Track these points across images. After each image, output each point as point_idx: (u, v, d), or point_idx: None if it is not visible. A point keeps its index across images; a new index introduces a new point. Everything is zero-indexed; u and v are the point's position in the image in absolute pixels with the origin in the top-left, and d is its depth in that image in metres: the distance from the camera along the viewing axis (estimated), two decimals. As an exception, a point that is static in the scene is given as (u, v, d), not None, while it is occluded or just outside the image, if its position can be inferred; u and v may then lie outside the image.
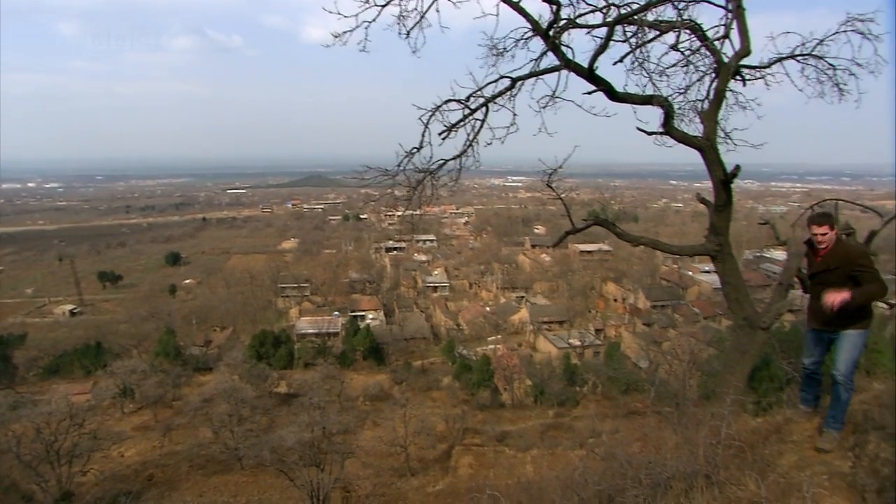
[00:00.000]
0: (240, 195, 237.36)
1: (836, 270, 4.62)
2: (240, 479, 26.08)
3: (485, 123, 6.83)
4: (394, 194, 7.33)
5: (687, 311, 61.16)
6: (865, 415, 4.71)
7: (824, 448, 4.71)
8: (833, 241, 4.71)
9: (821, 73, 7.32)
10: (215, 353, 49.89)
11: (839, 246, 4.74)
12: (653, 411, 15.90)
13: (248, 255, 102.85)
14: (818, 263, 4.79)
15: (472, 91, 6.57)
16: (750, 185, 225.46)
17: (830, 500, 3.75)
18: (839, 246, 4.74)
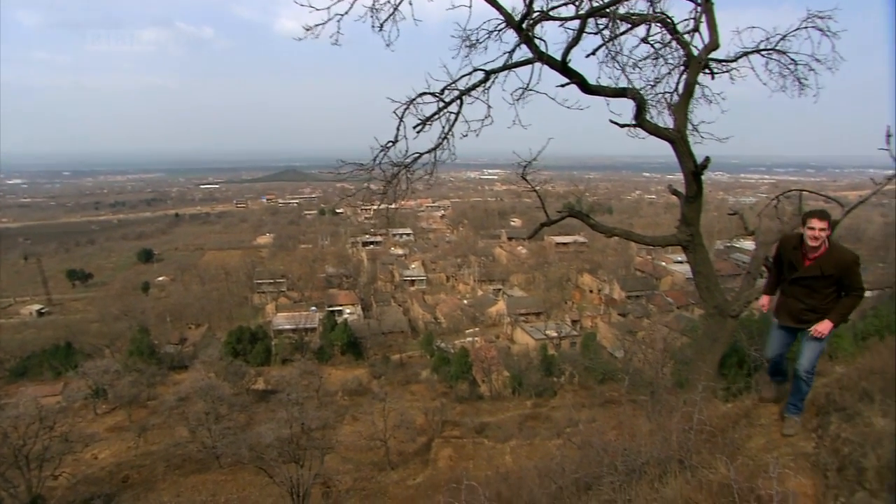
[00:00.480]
0: (213, 190, 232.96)
1: (829, 278, 4.38)
2: (218, 478, 25.82)
3: (459, 116, 6.82)
4: (370, 189, 7.30)
5: (661, 300, 62.22)
6: (828, 397, 4.86)
7: (789, 433, 4.76)
8: (827, 242, 4.40)
9: (783, 68, 7.57)
10: (191, 351, 49.24)
11: (835, 251, 4.39)
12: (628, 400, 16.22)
13: (222, 251, 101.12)
14: (809, 267, 4.45)
15: (446, 84, 6.56)
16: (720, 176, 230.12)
17: (795, 480, 3.87)
18: (835, 251, 4.39)
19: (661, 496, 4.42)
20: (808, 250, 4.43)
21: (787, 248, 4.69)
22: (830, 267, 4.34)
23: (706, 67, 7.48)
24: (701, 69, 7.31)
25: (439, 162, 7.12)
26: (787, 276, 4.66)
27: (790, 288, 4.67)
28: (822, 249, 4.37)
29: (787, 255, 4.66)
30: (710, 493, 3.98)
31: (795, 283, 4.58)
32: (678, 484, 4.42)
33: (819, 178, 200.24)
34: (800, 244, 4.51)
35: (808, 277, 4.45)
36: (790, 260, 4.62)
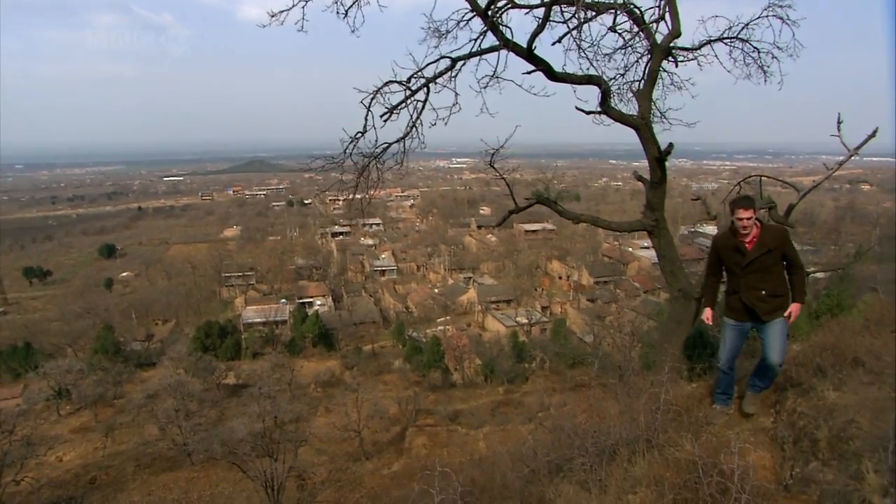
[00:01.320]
0: (177, 182, 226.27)
1: (774, 251, 4.44)
2: (190, 475, 25.41)
3: (427, 104, 6.80)
4: (340, 180, 7.23)
5: (628, 285, 63.51)
6: (785, 374, 5.01)
7: (750, 411, 4.83)
8: (757, 223, 4.50)
9: (746, 56, 7.73)
10: (158, 348, 48.21)
11: (768, 229, 4.56)
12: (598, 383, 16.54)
13: (188, 244, 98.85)
14: (754, 250, 4.47)
15: (412, 72, 6.51)
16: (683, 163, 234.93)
17: (755, 453, 4.03)
18: (768, 229, 4.56)
19: (630, 475, 4.54)
20: (743, 237, 4.47)
21: (723, 246, 4.68)
22: (771, 241, 4.43)
23: (670, 55, 7.60)
24: (664, 57, 7.43)
25: (409, 150, 7.09)
26: (735, 270, 4.59)
27: (742, 279, 4.57)
28: (756, 231, 4.46)
29: (726, 251, 4.64)
30: (677, 470, 4.10)
31: (747, 270, 4.51)
32: (646, 462, 4.55)
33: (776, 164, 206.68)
34: (733, 235, 4.53)
35: (759, 257, 4.44)
36: (731, 254, 4.59)
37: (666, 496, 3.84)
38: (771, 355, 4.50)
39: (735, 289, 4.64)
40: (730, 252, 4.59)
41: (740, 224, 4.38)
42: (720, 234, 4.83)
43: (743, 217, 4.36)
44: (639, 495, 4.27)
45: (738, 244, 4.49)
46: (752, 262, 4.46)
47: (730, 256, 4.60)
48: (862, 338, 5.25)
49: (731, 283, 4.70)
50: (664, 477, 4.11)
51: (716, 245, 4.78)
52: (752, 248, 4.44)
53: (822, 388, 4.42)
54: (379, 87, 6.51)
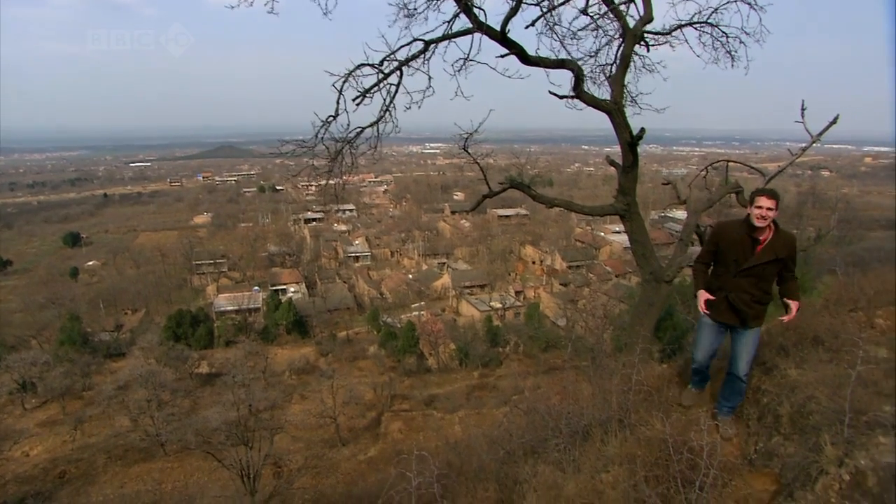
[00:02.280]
0: (144, 168, 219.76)
1: (779, 262, 4.04)
2: (164, 466, 25.15)
3: (400, 88, 6.72)
4: (313, 165, 7.12)
5: (600, 270, 64.32)
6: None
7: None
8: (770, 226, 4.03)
9: (715, 41, 7.86)
10: (128, 338, 47.16)
11: (782, 233, 4.07)
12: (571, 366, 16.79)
13: (157, 232, 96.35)
14: (762, 253, 4.02)
15: (385, 55, 6.42)
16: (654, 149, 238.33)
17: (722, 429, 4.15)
18: (782, 233, 4.07)
19: (603, 454, 4.64)
20: (756, 233, 4.02)
21: (728, 237, 4.17)
22: (782, 249, 3.99)
23: (642, 40, 7.66)
24: (636, 41, 7.48)
25: (382, 135, 7.01)
26: (731, 267, 4.15)
27: (735, 279, 4.15)
28: (769, 232, 4.01)
29: (731, 244, 4.16)
30: (649, 448, 4.20)
31: (745, 272, 4.09)
32: (619, 442, 4.64)
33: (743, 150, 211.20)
34: (744, 231, 4.07)
35: (764, 264, 4.03)
36: (736, 249, 4.12)
37: (638, 473, 3.93)
38: (739, 366, 4.23)
39: (723, 286, 4.23)
40: (732, 245, 4.14)
41: (758, 213, 3.92)
42: (728, 223, 4.30)
43: (764, 206, 3.90)
44: (611, 473, 4.36)
45: (745, 241, 4.07)
46: (756, 266, 4.06)
47: (731, 250, 4.15)
48: (822, 317, 5.42)
49: (720, 278, 4.27)
50: (636, 455, 4.20)
51: (719, 233, 4.27)
52: (760, 251, 4.03)
53: (785, 367, 4.56)
54: (351, 71, 6.41)
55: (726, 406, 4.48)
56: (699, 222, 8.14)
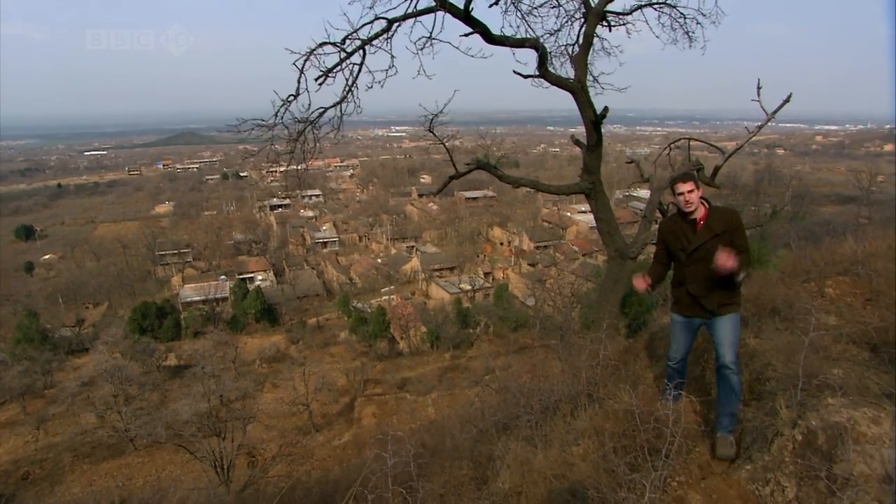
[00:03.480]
0: (100, 157, 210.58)
1: (723, 235, 3.88)
2: (134, 461, 24.70)
3: (363, 67, 6.63)
4: (274, 149, 6.98)
5: (567, 249, 65.23)
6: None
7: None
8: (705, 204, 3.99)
9: (673, 21, 8.03)
10: (90, 333, 45.80)
11: (717, 210, 4.00)
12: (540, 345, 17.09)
13: (117, 222, 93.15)
14: (701, 232, 3.95)
15: (347, 33, 6.31)
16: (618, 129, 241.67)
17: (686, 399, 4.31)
18: (717, 210, 4.00)
19: (573, 428, 4.74)
20: (689, 217, 3.99)
21: (667, 230, 4.22)
22: (719, 224, 3.91)
23: (603, 19, 7.74)
24: (598, 21, 7.55)
25: (346, 116, 6.91)
26: (681, 257, 4.07)
27: (688, 268, 4.05)
28: (704, 211, 3.96)
29: (670, 236, 4.16)
30: (616, 420, 4.32)
31: (693, 257, 3.99)
32: (588, 415, 4.76)
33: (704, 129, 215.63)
34: (680, 218, 4.07)
35: (706, 243, 3.91)
36: (676, 238, 4.10)
37: (606, 445, 4.04)
38: (723, 353, 3.94)
39: (681, 280, 4.15)
40: (674, 237, 4.12)
41: (682, 199, 3.91)
42: (667, 218, 4.40)
43: (683, 190, 3.88)
44: (581, 446, 4.47)
45: (683, 228, 4.03)
46: (699, 248, 3.96)
47: (674, 242, 4.12)
48: (777, 289, 5.64)
49: (677, 273, 4.21)
50: (604, 427, 4.32)
51: (661, 230, 4.33)
52: (698, 232, 3.96)
53: (744, 336, 4.74)
54: (312, 49, 6.27)
55: (725, 416, 3.97)
56: (662, 199, 8.34)
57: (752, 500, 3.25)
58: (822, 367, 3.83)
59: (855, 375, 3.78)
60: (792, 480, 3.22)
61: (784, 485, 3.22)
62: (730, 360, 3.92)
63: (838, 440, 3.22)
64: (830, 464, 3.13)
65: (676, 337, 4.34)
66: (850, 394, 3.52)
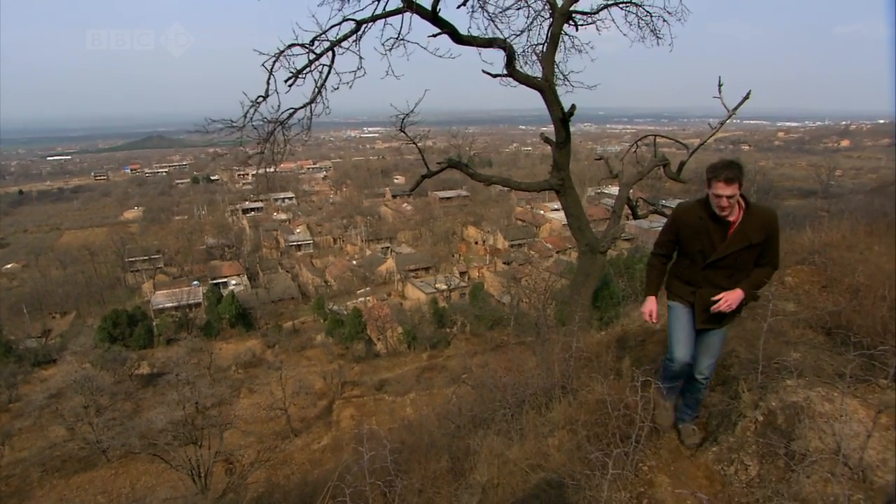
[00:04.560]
0: (64, 162, 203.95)
1: (756, 247, 3.27)
2: (107, 473, 24.07)
3: (332, 68, 6.64)
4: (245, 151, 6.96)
5: (541, 247, 65.81)
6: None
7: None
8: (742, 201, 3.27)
9: (640, 20, 8.20)
10: (58, 343, 44.56)
11: (756, 211, 3.27)
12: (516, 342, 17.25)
13: (84, 229, 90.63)
14: (732, 240, 3.26)
15: (315, 34, 6.32)
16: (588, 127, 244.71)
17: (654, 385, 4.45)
18: (756, 211, 3.27)
19: (547, 420, 4.85)
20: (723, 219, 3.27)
21: (689, 225, 3.40)
22: (757, 232, 3.23)
23: (570, 19, 7.88)
24: (565, 20, 7.68)
25: (315, 117, 6.92)
26: (698, 259, 3.40)
27: (703, 274, 3.41)
28: (740, 213, 3.26)
29: (692, 231, 3.39)
30: (589, 410, 4.43)
31: (717, 264, 3.34)
32: (562, 407, 4.87)
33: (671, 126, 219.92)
34: (706, 215, 3.31)
35: (736, 252, 3.27)
36: (699, 238, 3.36)
37: (580, 434, 4.15)
38: (701, 365, 3.60)
39: (690, 280, 3.50)
40: (695, 234, 3.38)
41: (717, 204, 3.18)
42: (687, 206, 3.46)
43: (723, 195, 3.13)
44: (556, 437, 4.57)
45: (710, 228, 3.30)
46: (727, 257, 3.30)
47: (694, 240, 3.39)
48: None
49: (687, 270, 3.52)
50: (577, 417, 4.43)
51: (678, 220, 3.46)
52: (730, 238, 3.27)
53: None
54: (282, 50, 6.27)
55: (688, 413, 3.94)
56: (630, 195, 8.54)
57: (718, 479, 3.38)
58: (781, 351, 4.01)
59: (811, 358, 3.97)
60: (754, 459, 3.37)
61: (747, 464, 3.36)
62: (707, 373, 3.64)
63: (795, 419, 3.39)
64: (789, 441, 3.30)
65: (678, 329, 3.62)
66: (806, 375, 3.71)
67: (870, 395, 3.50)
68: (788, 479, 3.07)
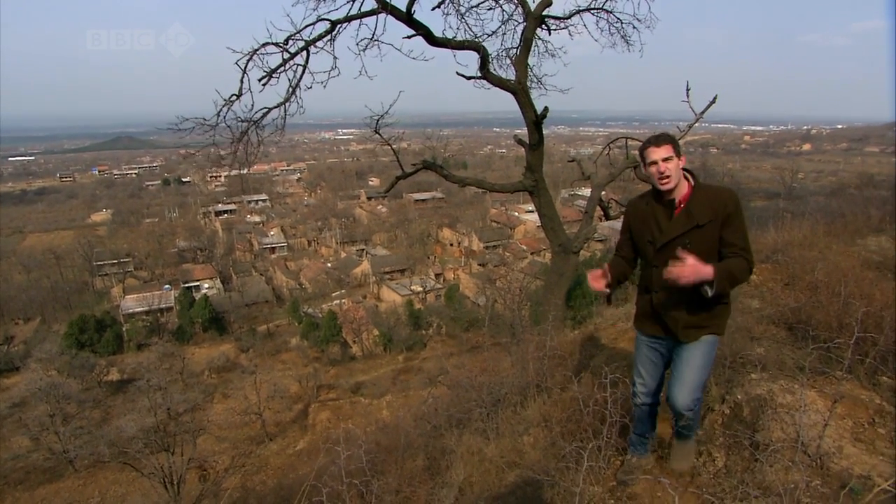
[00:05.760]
0: (27, 163, 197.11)
1: (708, 226, 2.72)
2: (74, 484, 23.39)
3: (307, 68, 6.63)
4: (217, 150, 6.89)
5: (516, 248, 66.28)
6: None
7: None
8: (682, 177, 2.80)
9: (611, 26, 8.40)
10: (21, 350, 42.92)
11: (704, 190, 2.80)
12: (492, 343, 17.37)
13: (48, 232, 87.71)
14: (678, 219, 2.79)
15: (290, 34, 6.31)
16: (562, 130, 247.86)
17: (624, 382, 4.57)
18: (704, 190, 2.80)
19: (523, 418, 4.93)
20: (666, 198, 2.83)
21: (635, 214, 3.01)
22: (705, 210, 2.73)
23: (543, 23, 8.01)
24: (538, 24, 7.81)
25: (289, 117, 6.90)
26: (648, 252, 2.93)
27: (655, 271, 2.90)
28: (686, 191, 2.81)
29: (639, 222, 2.98)
30: (563, 407, 4.52)
31: (663, 253, 2.83)
32: (537, 405, 4.95)
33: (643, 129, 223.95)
34: (652, 199, 2.91)
35: (683, 235, 2.77)
36: (645, 228, 2.93)
37: (554, 430, 4.23)
38: (674, 394, 2.96)
39: (646, 284, 3.03)
40: (642, 223, 2.96)
41: (654, 170, 2.76)
42: (636, 197, 3.08)
43: (656, 158, 2.74)
44: (531, 434, 4.65)
45: (656, 212, 2.88)
46: (671, 242, 2.80)
47: (641, 230, 2.97)
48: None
49: (643, 274, 3.07)
50: (552, 415, 4.51)
51: (628, 212, 3.13)
52: (674, 218, 2.82)
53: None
54: (255, 49, 6.24)
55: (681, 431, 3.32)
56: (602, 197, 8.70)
57: (687, 471, 3.49)
58: (746, 346, 4.16)
59: (774, 352, 4.13)
60: (721, 451, 3.48)
61: (714, 455, 3.47)
62: (682, 405, 2.94)
63: (759, 411, 3.52)
64: (753, 432, 3.43)
65: (642, 362, 3.20)
66: (769, 369, 3.86)
67: (827, 387, 3.67)
68: (753, 468, 3.19)
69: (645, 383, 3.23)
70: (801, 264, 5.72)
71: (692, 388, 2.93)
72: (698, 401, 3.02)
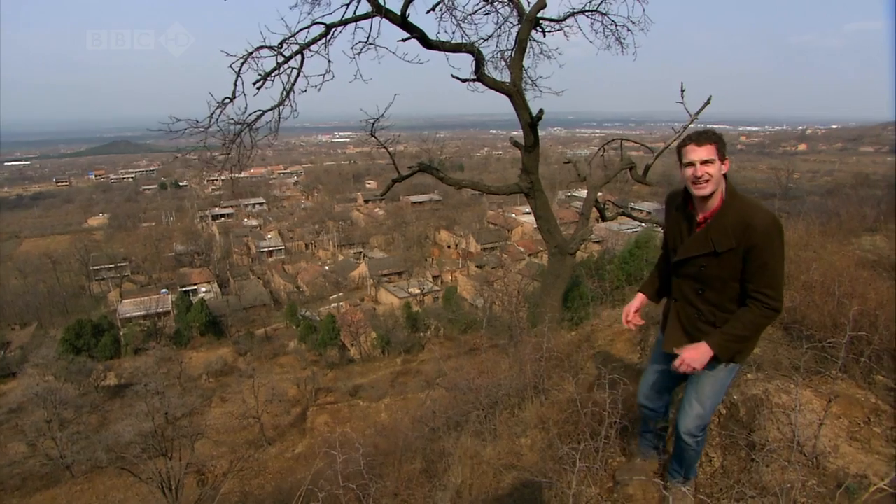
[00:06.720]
0: (23, 168, 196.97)
1: (732, 255, 2.40)
2: (72, 490, 23.29)
3: (301, 72, 6.64)
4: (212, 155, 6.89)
5: (513, 250, 66.26)
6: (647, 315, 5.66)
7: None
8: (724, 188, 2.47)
9: (605, 28, 8.42)
10: (18, 355, 42.77)
11: (735, 207, 2.42)
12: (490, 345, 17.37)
13: (45, 237, 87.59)
14: (694, 240, 2.52)
15: (284, 37, 6.31)
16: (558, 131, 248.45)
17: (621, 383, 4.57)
18: (735, 207, 2.42)
19: (520, 420, 4.93)
20: (693, 205, 2.55)
21: (669, 212, 2.73)
22: (726, 236, 2.39)
23: (537, 25, 8.03)
24: (532, 27, 7.83)
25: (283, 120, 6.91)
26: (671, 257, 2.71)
27: (677, 283, 2.70)
28: (717, 203, 2.46)
29: (669, 226, 2.73)
30: (560, 409, 4.52)
31: (680, 271, 2.64)
32: (534, 407, 4.95)
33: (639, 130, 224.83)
34: (682, 202, 2.62)
35: (696, 258, 2.50)
36: (671, 234, 2.71)
37: (551, 432, 4.23)
38: (680, 416, 2.82)
39: (672, 293, 2.81)
40: (671, 228, 2.72)
41: (690, 172, 2.43)
42: (675, 191, 2.73)
43: (695, 160, 2.40)
44: (529, 436, 4.65)
45: (682, 221, 2.62)
46: (687, 262, 2.57)
47: (670, 235, 2.73)
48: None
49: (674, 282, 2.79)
50: (549, 416, 4.51)
51: (665, 207, 2.79)
52: (694, 236, 2.53)
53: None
54: (250, 52, 6.24)
55: (676, 470, 3.12)
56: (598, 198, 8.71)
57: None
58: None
59: (770, 352, 4.14)
60: (718, 451, 3.49)
61: (711, 456, 3.48)
62: (685, 429, 2.79)
63: (756, 411, 3.53)
64: (749, 433, 3.44)
65: (649, 367, 3.13)
66: (765, 368, 3.87)
67: (822, 386, 3.68)
68: (749, 468, 3.20)
69: (648, 386, 3.15)
70: (797, 264, 5.74)
71: (699, 415, 2.74)
72: (703, 428, 2.82)
